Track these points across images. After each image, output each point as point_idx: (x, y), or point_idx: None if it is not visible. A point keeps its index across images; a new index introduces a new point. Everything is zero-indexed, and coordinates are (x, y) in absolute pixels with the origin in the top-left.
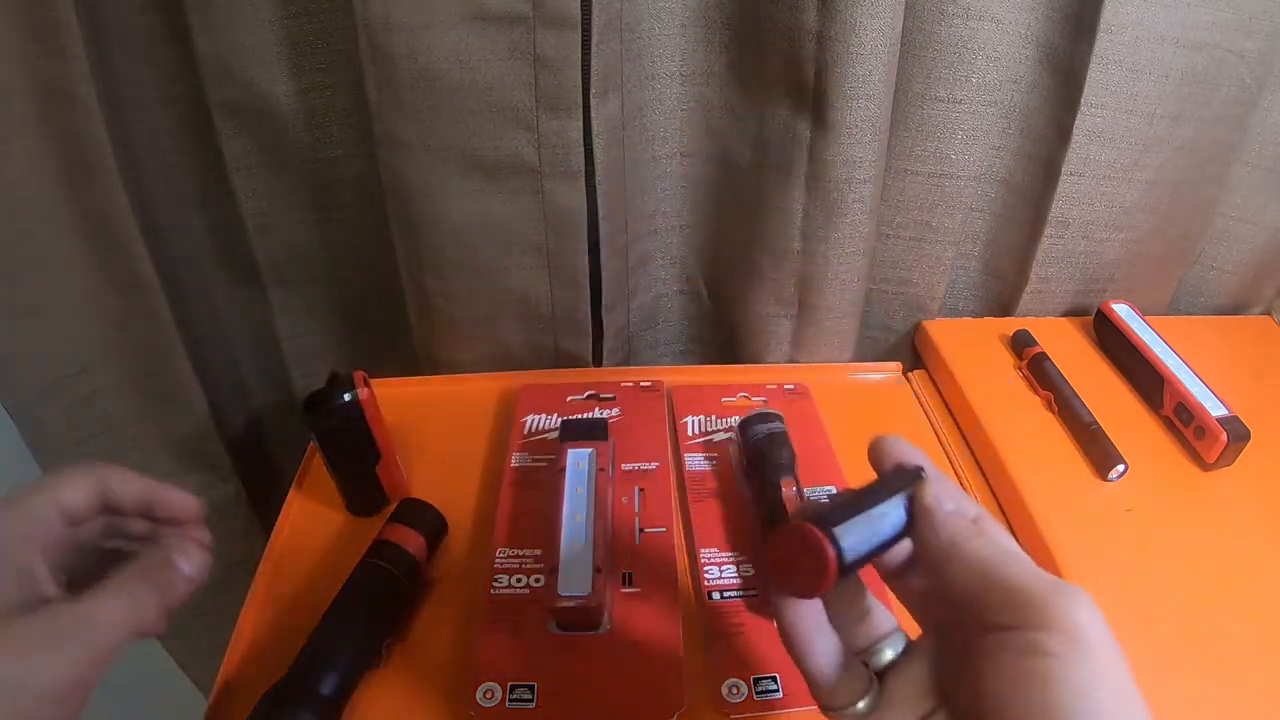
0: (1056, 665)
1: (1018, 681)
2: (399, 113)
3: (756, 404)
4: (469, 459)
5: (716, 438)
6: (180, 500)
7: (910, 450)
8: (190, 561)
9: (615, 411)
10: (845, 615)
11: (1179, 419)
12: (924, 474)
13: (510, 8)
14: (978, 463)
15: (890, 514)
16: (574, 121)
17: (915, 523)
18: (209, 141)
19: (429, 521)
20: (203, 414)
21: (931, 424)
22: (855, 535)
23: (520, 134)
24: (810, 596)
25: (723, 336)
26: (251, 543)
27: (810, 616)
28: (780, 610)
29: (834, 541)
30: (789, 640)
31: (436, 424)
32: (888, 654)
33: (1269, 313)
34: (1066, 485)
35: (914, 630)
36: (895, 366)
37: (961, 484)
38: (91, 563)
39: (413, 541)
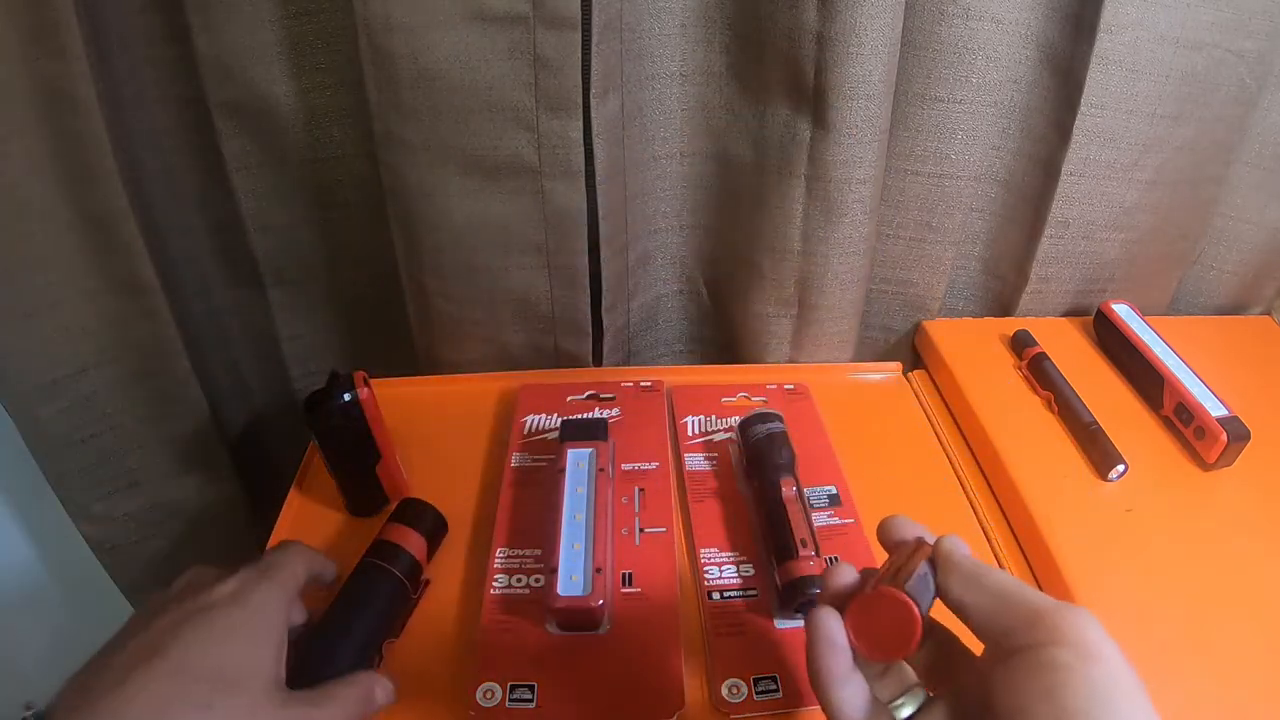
0: (1071, 675)
1: (1038, 694)
2: (399, 113)
3: (756, 404)
4: (469, 459)
5: (716, 438)
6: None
7: (913, 525)
8: (382, 692)
9: (615, 411)
10: (874, 667)
11: (1179, 419)
12: (927, 539)
13: (510, 8)
14: (978, 463)
15: (927, 575)
16: (574, 121)
17: (939, 572)
18: (209, 141)
19: (429, 521)
20: (203, 414)
21: (931, 424)
22: (921, 599)
23: (520, 134)
24: (896, 659)
25: (723, 336)
26: (251, 543)
27: (844, 663)
28: (815, 655)
29: (920, 608)
30: (821, 683)
31: (436, 424)
32: (908, 707)
33: (1269, 313)
34: (1066, 485)
35: None
36: (895, 366)
37: (961, 484)
38: None
39: (413, 542)
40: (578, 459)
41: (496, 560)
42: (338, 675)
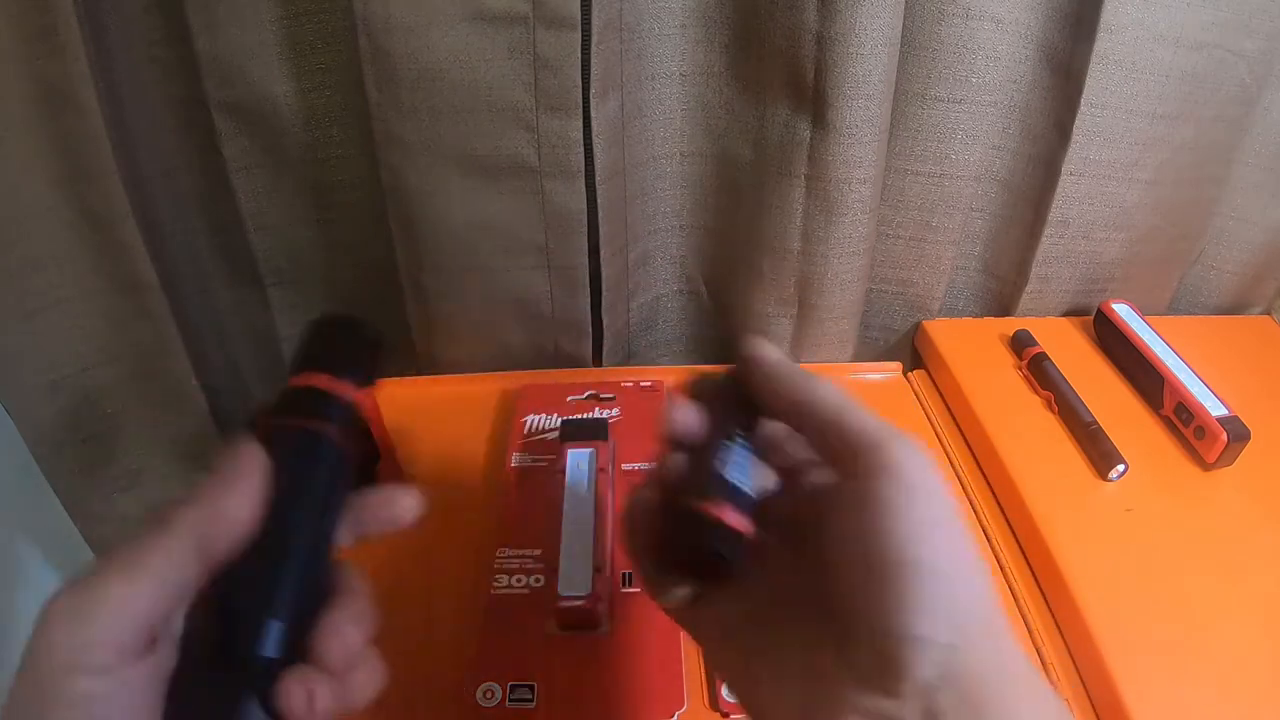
0: (894, 511)
1: (860, 529)
2: (399, 113)
3: None
4: (469, 459)
5: None
6: None
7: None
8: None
9: (615, 411)
10: None
11: (1179, 419)
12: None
13: (510, 8)
14: (978, 463)
15: (743, 458)
16: (574, 121)
17: (755, 386)
18: (209, 141)
19: (355, 350)
20: (203, 414)
21: (931, 424)
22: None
23: (520, 134)
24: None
25: (723, 336)
26: None
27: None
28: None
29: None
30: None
31: (436, 424)
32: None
33: (1269, 313)
34: (1066, 485)
35: None
36: (895, 366)
37: (962, 484)
38: None
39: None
40: (578, 459)
41: (496, 560)
42: (282, 626)
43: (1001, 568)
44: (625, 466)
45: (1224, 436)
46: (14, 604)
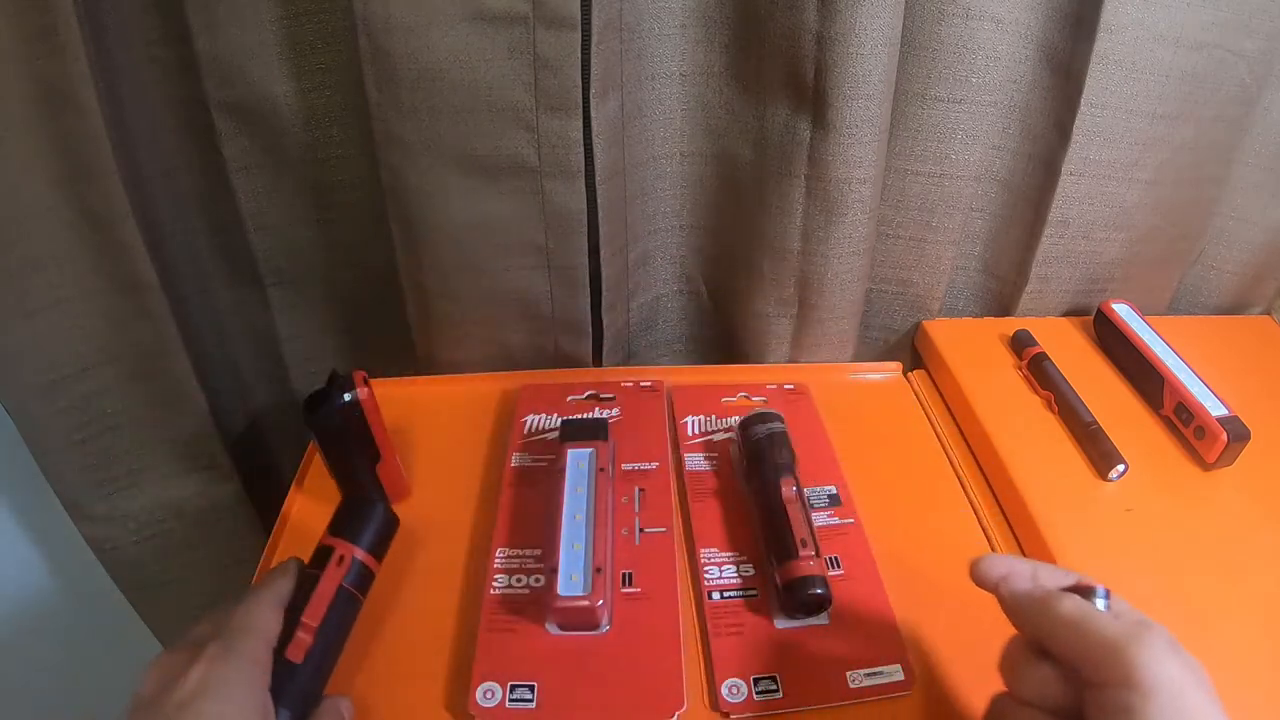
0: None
1: None
2: (399, 113)
3: (756, 404)
4: (469, 459)
5: (716, 438)
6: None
7: (1005, 561)
8: (348, 708)
9: (615, 411)
10: None
11: (1179, 419)
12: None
13: (510, 8)
14: (978, 463)
15: None
16: (574, 121)
17: (1006, 609)
18: (209, 141)
19: (372, 526)
20: (203, 414)
21: (931, 424)
22: None
23: (520, 134)
24: None
25: (723, 336)
26: (251, 543)
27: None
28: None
29: None
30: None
31: (436, 424)
32: None
33: (1269, 313)
34: (1066, 485)
35: None
36: (895, 366)
37: (962, 484)
38: None
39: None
40: (578, 459)
41: (496, 560)
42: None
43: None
44: (625, 466)
45: (1224, 436)
46: (14, 604)
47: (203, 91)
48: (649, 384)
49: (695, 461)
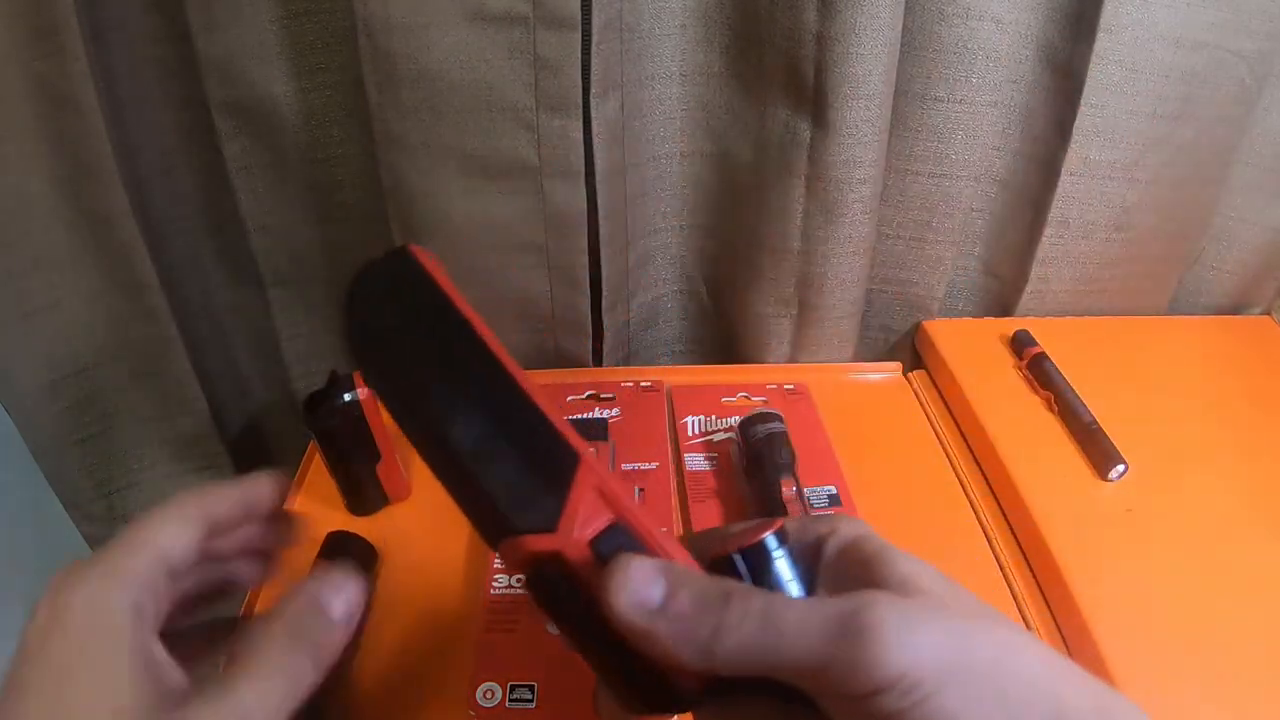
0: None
1: None
2: (399, 113)
3: (756, 404)
4: None
5: (716, 438)
6: (272, 488)
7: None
8: (342, 597)
9: (615, 411)
10: None
11: None
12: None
13: (510, 8)
14: (978, 463)
15: None
16: (574, 121)
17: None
18: (209, 141)
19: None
20: (203, 414)
21: (931, 424)
22: None
23: (520, 134)
24: None
25: (723, 336)
26: None
27: None
28: None
29: None
30: None
31: None
32: None
33: (1269, 313)
34: (1066, 485)
35: None
36: (895, 366)
37: (961, 484)
38: (191, 615)
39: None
40: None
41: (496, 560)
42: None
43: (1001, 568)
44: (625, 466)
45: None
46: (14, 604)
47: (203, 91)
48: (649, 384)
49: (695, 461)
